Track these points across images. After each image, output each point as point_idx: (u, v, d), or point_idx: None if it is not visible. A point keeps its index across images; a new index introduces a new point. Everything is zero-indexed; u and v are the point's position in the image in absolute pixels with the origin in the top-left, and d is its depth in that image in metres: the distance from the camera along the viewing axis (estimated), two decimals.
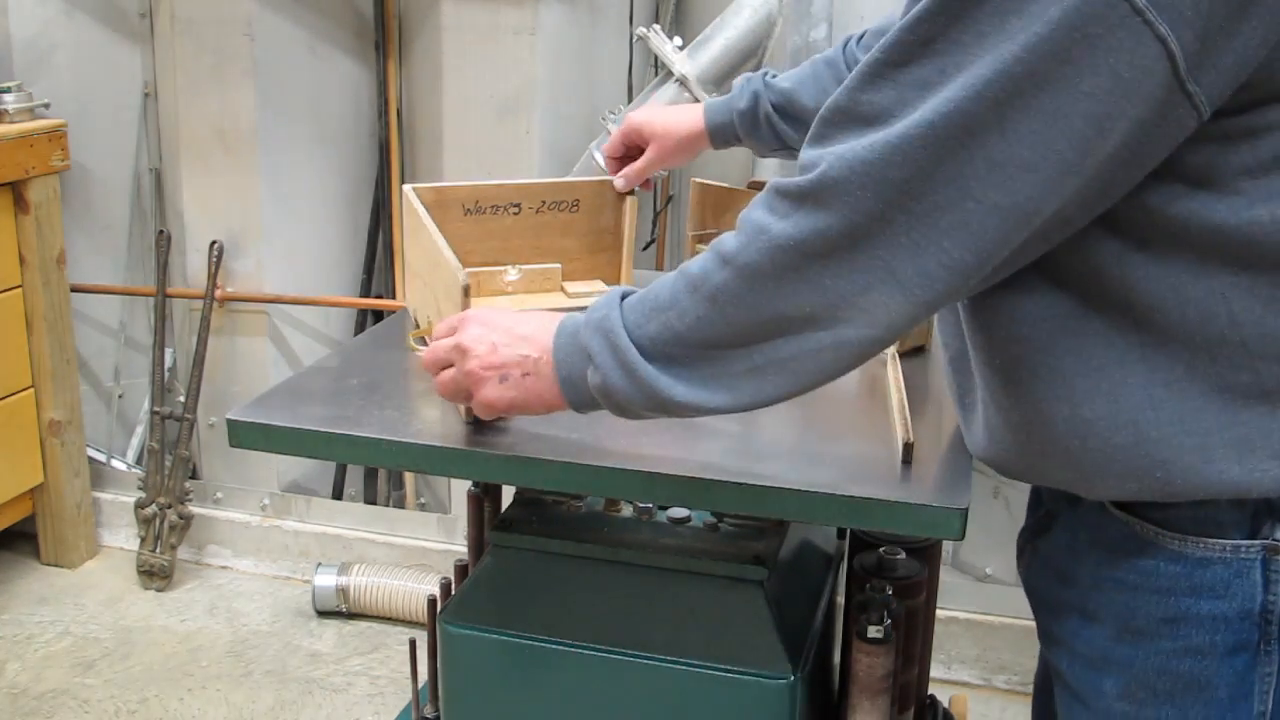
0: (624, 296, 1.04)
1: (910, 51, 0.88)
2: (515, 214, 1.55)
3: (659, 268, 2.89)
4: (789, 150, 1.56)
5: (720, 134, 1.57)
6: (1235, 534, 0.97)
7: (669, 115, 1.60)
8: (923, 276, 0.89)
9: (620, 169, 1.61)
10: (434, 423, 1.25)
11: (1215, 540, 0.97)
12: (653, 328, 0.99)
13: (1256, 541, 0.96)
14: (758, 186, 1.61)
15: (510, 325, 1.11)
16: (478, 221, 1.53)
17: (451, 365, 1.14)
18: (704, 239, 1.61)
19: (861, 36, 1.57)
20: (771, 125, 1.55)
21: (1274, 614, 0.97)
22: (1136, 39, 0.82)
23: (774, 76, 1.58)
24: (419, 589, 2.80)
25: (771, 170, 2.58)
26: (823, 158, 0.90)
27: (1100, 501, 1.04)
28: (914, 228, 0.87)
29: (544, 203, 1.57)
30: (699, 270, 0.97)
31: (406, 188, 1.50)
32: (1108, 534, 1.03)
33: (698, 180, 1.65)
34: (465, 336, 1.12)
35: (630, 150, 1.62)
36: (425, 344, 1.23)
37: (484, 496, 1.55)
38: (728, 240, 0.96)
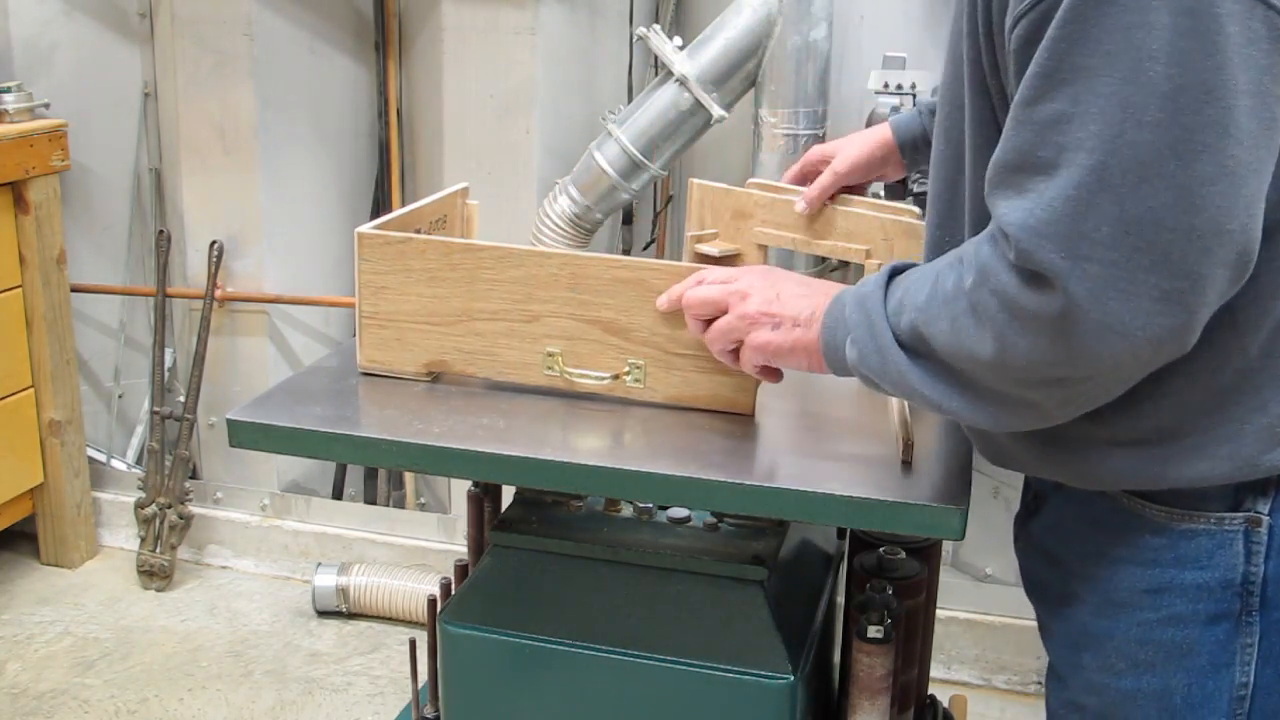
0: (894, 273, 1.04)
1: (1037, 87, 0.85)
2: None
3: None
4: None
5: (906, 132, 1.50)
6: (1219, 506, 1.00)
7: (852, 136, 1.55)
8: (1140, 315, 0.86)
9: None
10: (435, 422, 1.25)
11: (1200, 513, 1.01)
12: (905, 321, 1.00)
13: (1239, 514, 0.99)
14: (758, 187, 1.61)
15: (791, 282, 1.15)
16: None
17: (724, 313, 1.17)
18: (704, 239, 1.61)
19: None
20: None
21: (1255, 584, 1.00)
22: (1268, 25, 0.81)
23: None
24: (419, 589, 2.80)
25: (771, 171, 2.57)
26: (1006, 223, 0.88)
27: None
28: (1118, 276, 0.85)
29: (430, 223, 1.56)
30: (952, 286, 0.96)
31: (365, 228, 1.39)
32: (1095, 511, 1.06)
33: (697, 180, 1.64)
34: (747, 283, 1.16)
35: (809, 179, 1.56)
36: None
37: (484, 496, 1.55)
38: (970, 265, 0.95)
